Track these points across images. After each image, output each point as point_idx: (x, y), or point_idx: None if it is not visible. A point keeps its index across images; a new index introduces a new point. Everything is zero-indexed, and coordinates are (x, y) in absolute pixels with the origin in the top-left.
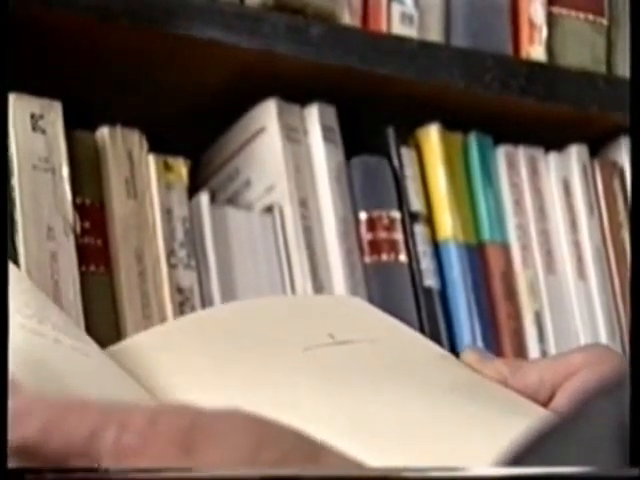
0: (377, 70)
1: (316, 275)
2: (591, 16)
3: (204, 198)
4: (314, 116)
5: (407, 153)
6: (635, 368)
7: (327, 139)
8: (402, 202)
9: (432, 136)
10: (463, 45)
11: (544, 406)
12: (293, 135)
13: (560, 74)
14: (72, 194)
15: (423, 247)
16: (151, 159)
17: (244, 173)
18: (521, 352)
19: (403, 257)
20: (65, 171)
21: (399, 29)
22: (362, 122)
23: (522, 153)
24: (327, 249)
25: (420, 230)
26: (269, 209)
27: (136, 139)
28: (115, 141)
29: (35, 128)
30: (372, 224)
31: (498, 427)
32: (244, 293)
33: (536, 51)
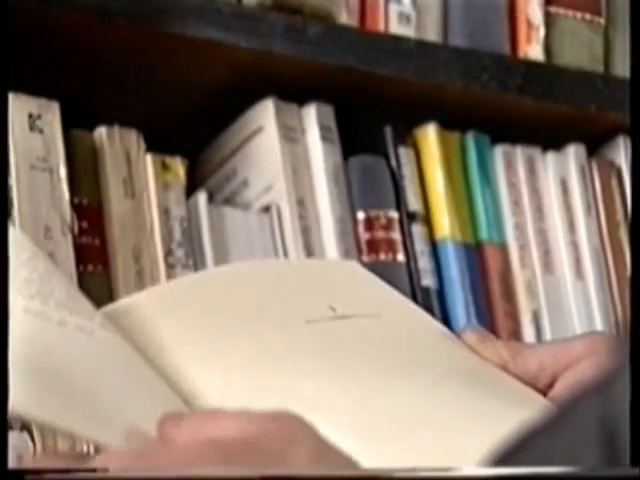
0: (375, 70)
1: None
2: (588, 15)
3: (202, 198)
4: (312, 116)
5: (405, 153)
6: (635, 368)
7: (325, 139)
8: (400, 202)
9: (430, 136)
10: (461, 45)
11: (543, 392)
12: (291, 135)
13: (558, 74)
14: (70, 194)
15: (421, 247)
16: (149, 159)
17: (242, 173)
18: None
19: (401, 257)
20: (63, 171)
21: (397, 29)
22: (360, 122)
23: (520, 153)
24: (325, 249)
25: (418, 230)
26: (267, 209)
27: (134, 139)
28: (113, 141)
29: (33, 128)
30: (370, 224)
31: (495, 420)
32: None
33: (534, 51)
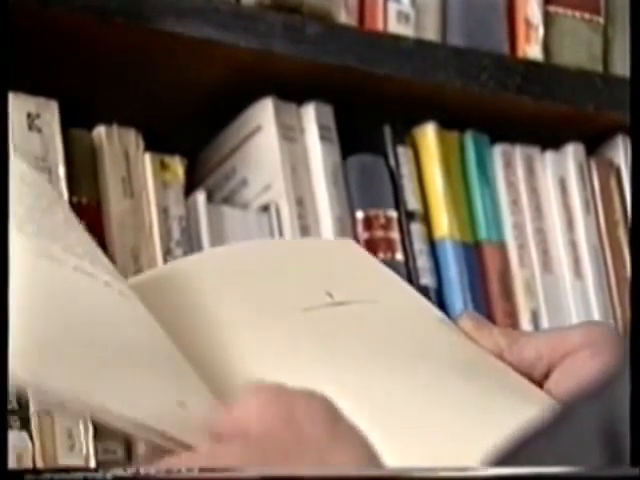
0: (374, 69)
1: None
2: (587, 15)
3: (200, 197)
4: (311, 115)
5: (404, 152)
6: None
7: (324, 138)
8: (399, 201)
9: (429, 135)
10: (460, 44)
11: (539, 382)
12: (290, 134)
13: (556, 73)
14: (68, 193)
15: (419, 246)
16: (147, 158)
17: (240, 172)
18: None
19: (400, 256)
20: (61, 170)
21: (395, 28)
22: (359, 121)
23: (519, 152)
24: None
25: (417, 229)
26: (265, 208)
27: (132, 138)
28: (111, 140)
29: (31, 127)
30: (369, 223)
31: (497, 415)
32: None
33: (532, 50)
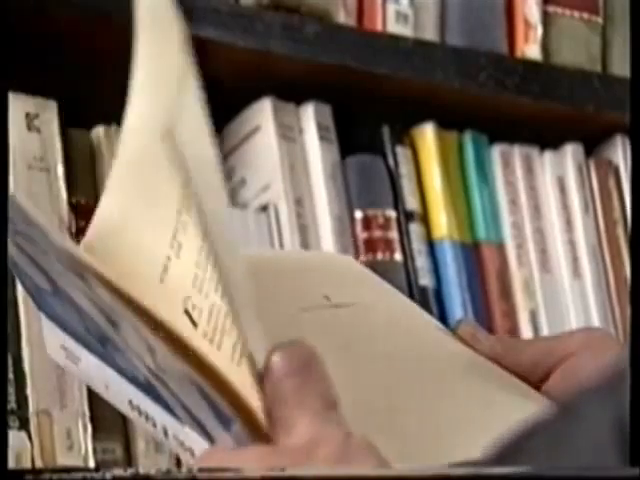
0: (372, 69)
1: None
2: (586, 15)
3: None
4: (309, 115)
5: (402, 152)
6: (635, 368)
7: (322, 138)
8: (397, 201)
9: (427, 135)
10: (458, 44)
11: (536, 386)
12: (288, 134)
13: (555, 73)
14: (67, 193)
15: (418, 246)
16: None
17: (239, 172)
18: None
19: (398, 256)
20: (60, 170)
21: (394, 28)
22: (357, 121)
23: (517, 152)
24: (322, 248)
25: (415, 229)
26: (264, 208)
27: None
28: (110, 140)
29: (30, 127)
30: (367, 223)
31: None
32: None
33: (531, 50)
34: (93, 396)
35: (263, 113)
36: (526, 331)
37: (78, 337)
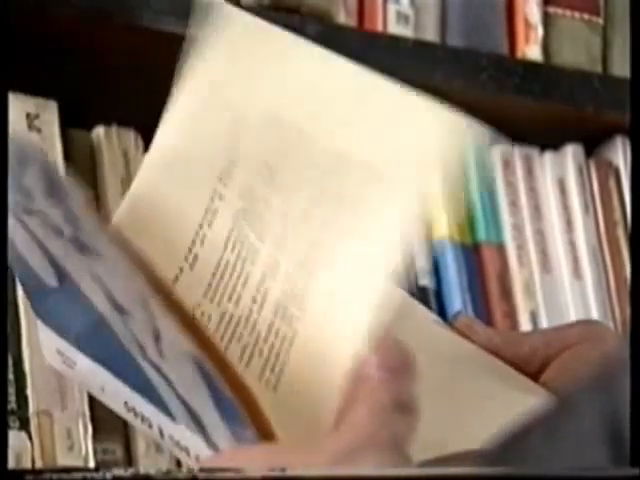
0: (373, 69)
1: None
2: (587, 15)
3: None
4: None
5: None
6: (635, 367)
7: None
8: None
9: None
10: (459, 45)
11: (534, 377)
12: None
13: (556, 74)
14: None
15: (418, 246)
16: None
17: None
18: None
19: None
20: (60, 170)
21: (395, 28)
22: None
23: (517, 153)
24: None
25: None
26: None
27: (132, 139)
28: (111, 141)
29: (31, 127)
30: None
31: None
32: None
33: (532, 50)
34: (93, 396)
35: None
36: None
37: (76, 337)
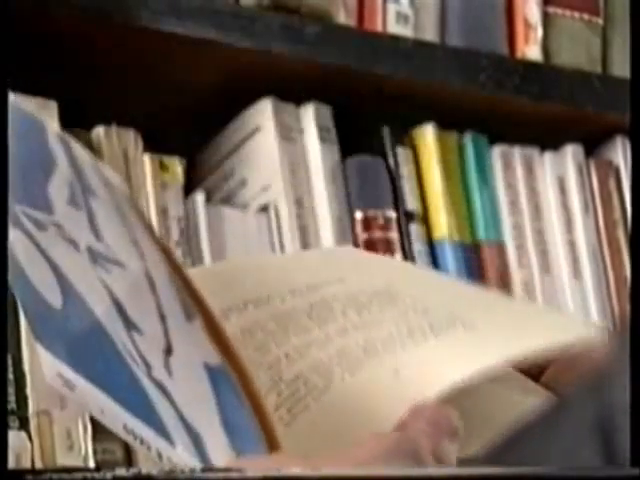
0: (372, 70)
1: None
2: (586, 16)
3: (199, 197)
4: (310, 115)
5: (403, 152)
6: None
7: (323, 139)
8: (398, 201)
9: (427, 136)
10: (458, 45)
11: (535, 379)
12: (289, 134)
13: (555, 74)
14: None
15: (418, 246)
16: (146, 158)
17: (239, 172)
18: None
19: (399, 256)
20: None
21: (394, 28)
22: (358, 121)
23: (517, 153)
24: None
25: (415, 229)
26: (264, 208)
27: (131, 138)
28: (110, 140)
29: None
30: (368, 223)
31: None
32: None
33: (531, 51)
34: None
35: (263, 114)
36: None
37: (75, 361)
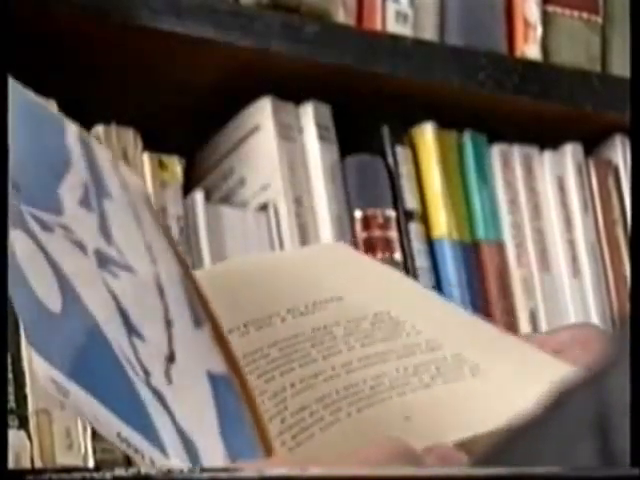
0: (372, 69)
1: None
2: (586, 14)
3: (199, 196)
4: (309, 114)
5: (402, 151)
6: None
7: (322, 137)
8: (397, 200)
9: (427, 135)
10: (458, 44)
11: None
12: (288, 133)
13: (555, 73)
14: None
15: (418, 245)
16: (146, 157)
17: (239, 171)
18: None
19: (398, 255)
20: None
21: (394, 27)
22: (357, 120)
23: (517, 152)
24: None
25: (415, 228)
26: (264, 207)
27: (131, 138)
28: (110, 139)
29: None
30: (367, 222)
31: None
32: None
33: (531, 50)
34: None
35: (263, 113)
36: (525, 330)
37: (70, 367)
